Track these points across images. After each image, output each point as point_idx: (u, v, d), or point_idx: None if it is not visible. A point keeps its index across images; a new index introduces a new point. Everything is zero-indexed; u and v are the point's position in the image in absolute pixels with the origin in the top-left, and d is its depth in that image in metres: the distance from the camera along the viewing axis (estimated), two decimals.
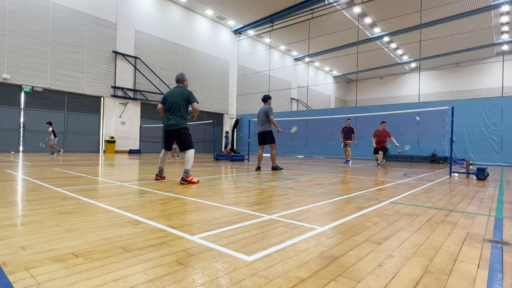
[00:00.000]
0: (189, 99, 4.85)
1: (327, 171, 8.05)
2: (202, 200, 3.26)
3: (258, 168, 7.57)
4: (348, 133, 11.70)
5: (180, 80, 5.01)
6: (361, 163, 12.28)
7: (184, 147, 4.85)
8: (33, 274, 1.34)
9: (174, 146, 12.20)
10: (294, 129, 10.30)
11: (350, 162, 11.56)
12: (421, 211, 2.96)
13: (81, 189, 3.84)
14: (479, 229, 2.34)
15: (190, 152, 4.79)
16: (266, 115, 7.45)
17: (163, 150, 5.06)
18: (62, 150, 12.87)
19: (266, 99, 7.72)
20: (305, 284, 1.32)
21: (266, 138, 7.49)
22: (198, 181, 4.80)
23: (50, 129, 12.21)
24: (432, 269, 1.52)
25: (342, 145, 11.91)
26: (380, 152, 10.30)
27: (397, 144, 10.10)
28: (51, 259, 1.52)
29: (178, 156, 12.76)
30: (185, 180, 4.56)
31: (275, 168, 7.55)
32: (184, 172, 4.60)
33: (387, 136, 10.34)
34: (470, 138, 13.91)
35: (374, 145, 10.57)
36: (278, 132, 7.59)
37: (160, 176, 5.02)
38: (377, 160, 10.49)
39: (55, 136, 12.31)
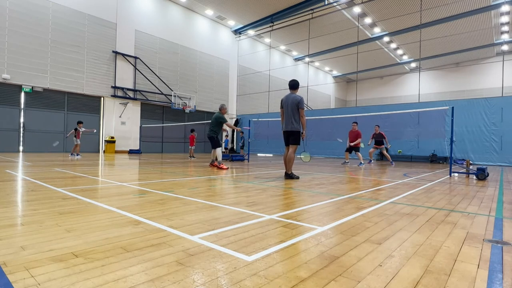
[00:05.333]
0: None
1: (327, 171, 8.05)
2: (202, 200, 3.26)
3: (289, 176, 5.87)
4: (379, 139, 11.65)
5: (221, 108, 8.39)
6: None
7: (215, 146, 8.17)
8: (33, 274, 1.34)
9: (192, 147, 14.00)
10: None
11: (393, 163, 11.82)
12: (421, 211, 2.96)
13: (81, 189, 3.83)
14: (479, 229, 2.34)
15: (218, 150, 8.05)
16: (297, 108, 5.76)
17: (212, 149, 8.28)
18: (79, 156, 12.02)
19: (295, 85, 5.91)
20: (305, 284, 1.32)
21: (294, 138, 5.86)
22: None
23: (83, 129, 12.09)
24: (432, 269, 1.52)
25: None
26: (357, 152, 10.98)
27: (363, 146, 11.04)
28: (51, 259, 1.52)
29: (193, 157, 14.10)
30: (217, 166, 7.90)
31: (290, 176, 5.79)
32: (218, 162, 7.95)
33: (356, 137, 11.03)
34: (470, 138, 13.91)
35: (362, 145, 11.11)
36: (302, 138, 5.88)
37: (212, 164, 8.20)
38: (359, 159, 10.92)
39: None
